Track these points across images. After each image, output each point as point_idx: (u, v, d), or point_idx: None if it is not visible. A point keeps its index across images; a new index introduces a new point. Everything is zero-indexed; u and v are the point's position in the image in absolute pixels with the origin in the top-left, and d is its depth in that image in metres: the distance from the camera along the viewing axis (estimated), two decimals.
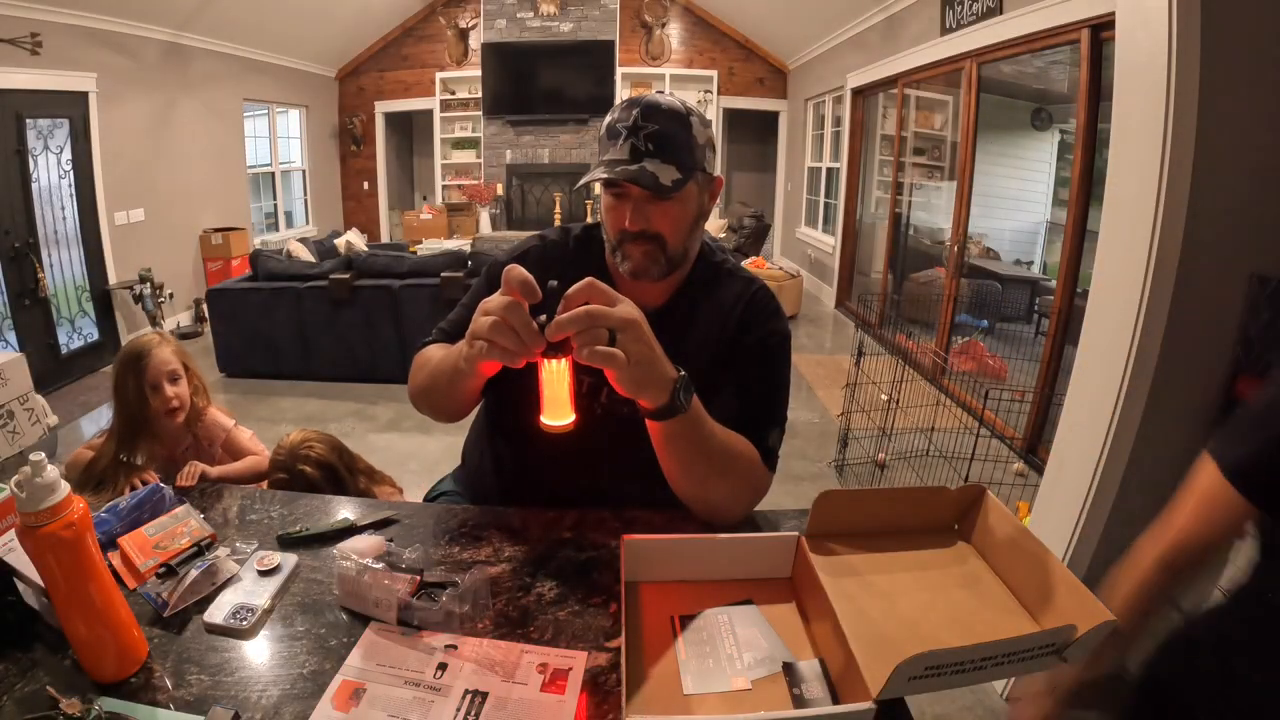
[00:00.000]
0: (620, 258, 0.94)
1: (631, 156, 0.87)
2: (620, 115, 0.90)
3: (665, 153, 0.87)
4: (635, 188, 0.88)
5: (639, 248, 0.92)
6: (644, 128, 0.87)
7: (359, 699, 0.64)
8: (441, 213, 7.72)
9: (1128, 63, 1.42)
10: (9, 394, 2.57)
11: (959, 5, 3.79)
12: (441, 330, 1.06)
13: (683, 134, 0.89)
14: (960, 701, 1.72)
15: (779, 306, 1.04)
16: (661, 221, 0.91)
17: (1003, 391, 3.00)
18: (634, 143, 0.87)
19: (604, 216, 0.96)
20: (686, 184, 0.88)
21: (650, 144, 0.87)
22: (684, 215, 0.93)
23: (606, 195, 0.93)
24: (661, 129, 0.87)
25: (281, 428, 3.51)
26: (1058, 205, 5.03)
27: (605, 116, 0.95)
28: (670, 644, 0.71)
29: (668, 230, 0.91)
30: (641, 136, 0.87)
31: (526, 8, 7.32)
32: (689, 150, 0.89)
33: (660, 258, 0.93)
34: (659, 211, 0.90)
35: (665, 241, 0.92)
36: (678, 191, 0.88)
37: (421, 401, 1.01)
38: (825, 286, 6.42)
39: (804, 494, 2.77)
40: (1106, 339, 1.50)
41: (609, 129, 0.91)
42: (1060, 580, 0.68)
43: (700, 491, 0.89)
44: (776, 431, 0.99)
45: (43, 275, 4.03)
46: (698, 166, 0.91)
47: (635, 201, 0.90)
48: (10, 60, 3.75)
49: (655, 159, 0.86)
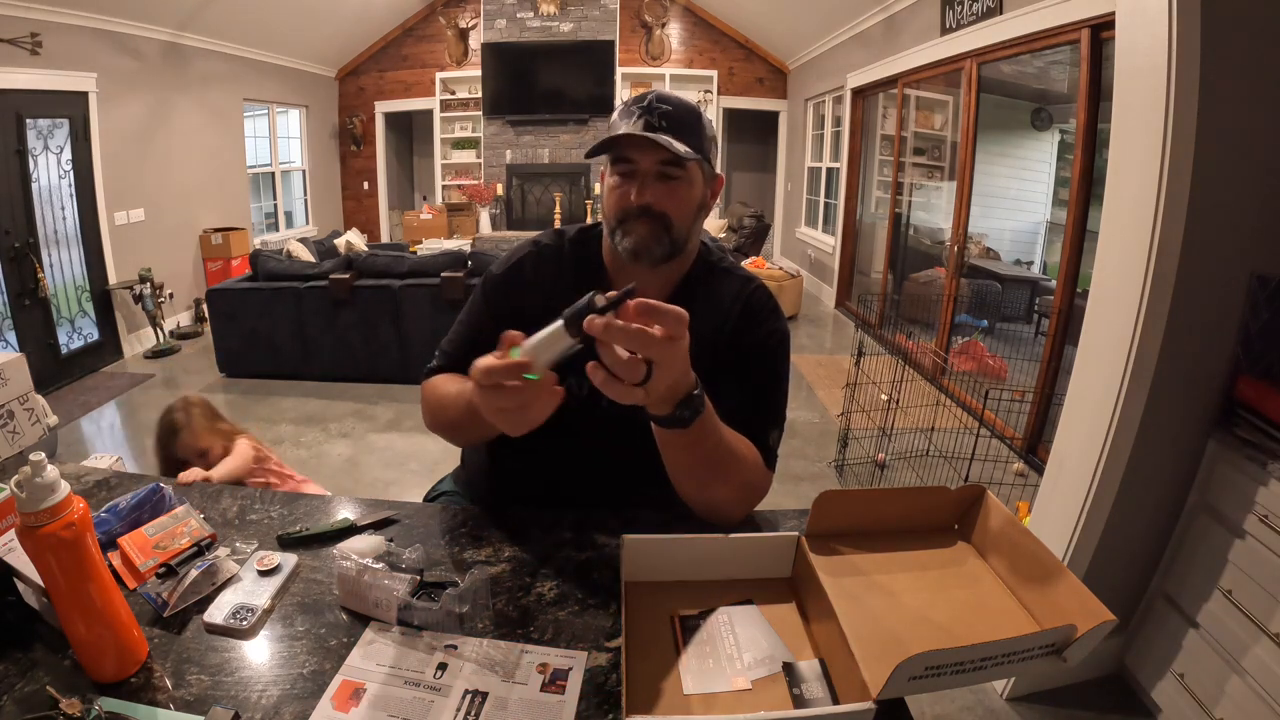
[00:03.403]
0: (620, 236, 0.93)
1: (645, 129, 0.88)
2: (633, 99, 0.93)
3: (678, 132, 0.89)
4: (645, 161, 0.89)
5: (644, 225, 0.91)
6: (658, 108, 0.90)
7: (359, 699, 0.64)
8: (441, 213, 7.72)
9: (1128, 63, 1.42)
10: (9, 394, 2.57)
11: (959, 5, 3.79)
12: (444, 353, 1.06)
13: (694, 121, 0.92)
14: (960, 701, 1.72)
15: (777, 305, 1.04)
16: (668, 200, 0.91)
17: (1003, 391, 3.00)
18: (648, 119, 0.89)
19: (606, 198, 0.96)
20: (697, 162, 0.91)
21: (664, 122, 0.89)
22: (689, 198, 0.93)
23: (612, 176, 0.93)
24: (674, 111, 0.90)
25: (281, 428, 3.51)
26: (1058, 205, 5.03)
27: (616, 108, 0.97)
28: (670, 644, 0.71)
29: (673, 209, 0.91)
30: (656, 115, 0.89)
31: (526, 8, 7.32)
32: (699, 136, 0.91)
33: (664, 238, 0.92)
34: (666, 190, 0.91)
35: (670, 221, 0.92)
36: (690, 162, 0.90)
37: (445, 436, 1.01)
38: (825, 286, 6.42)
39: (804, 494, 2.77)
40: (1106, 339, 1.50)
41: (621, 111, 0.93)
42: (1060, 580, 0.68)
43: (703, 494, 0.89)
44: (776, 431, 0.99)
45: (43, 275, 4.03)
46: (705, 154, 0.92)
47: (644, 177, 0.90)
48: (10, 60, 3.75)
49: (668, 135, 0.88)
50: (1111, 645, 1.73)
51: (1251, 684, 1.35)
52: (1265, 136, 1.37)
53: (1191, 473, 1.56)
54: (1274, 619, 1.31)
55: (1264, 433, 1.40)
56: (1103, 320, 1.54)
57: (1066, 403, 1.66)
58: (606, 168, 0.95)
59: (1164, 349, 1.42)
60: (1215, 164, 1.34)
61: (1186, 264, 1.37)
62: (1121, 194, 1.48)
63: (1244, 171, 1.38)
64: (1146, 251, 1.38)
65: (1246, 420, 1.45)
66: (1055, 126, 5.17)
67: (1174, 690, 1.55)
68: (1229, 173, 1.36)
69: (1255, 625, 1.35)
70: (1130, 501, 1.54)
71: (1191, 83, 1.29)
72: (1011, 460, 3.07)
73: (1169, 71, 1.29)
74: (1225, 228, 1.39)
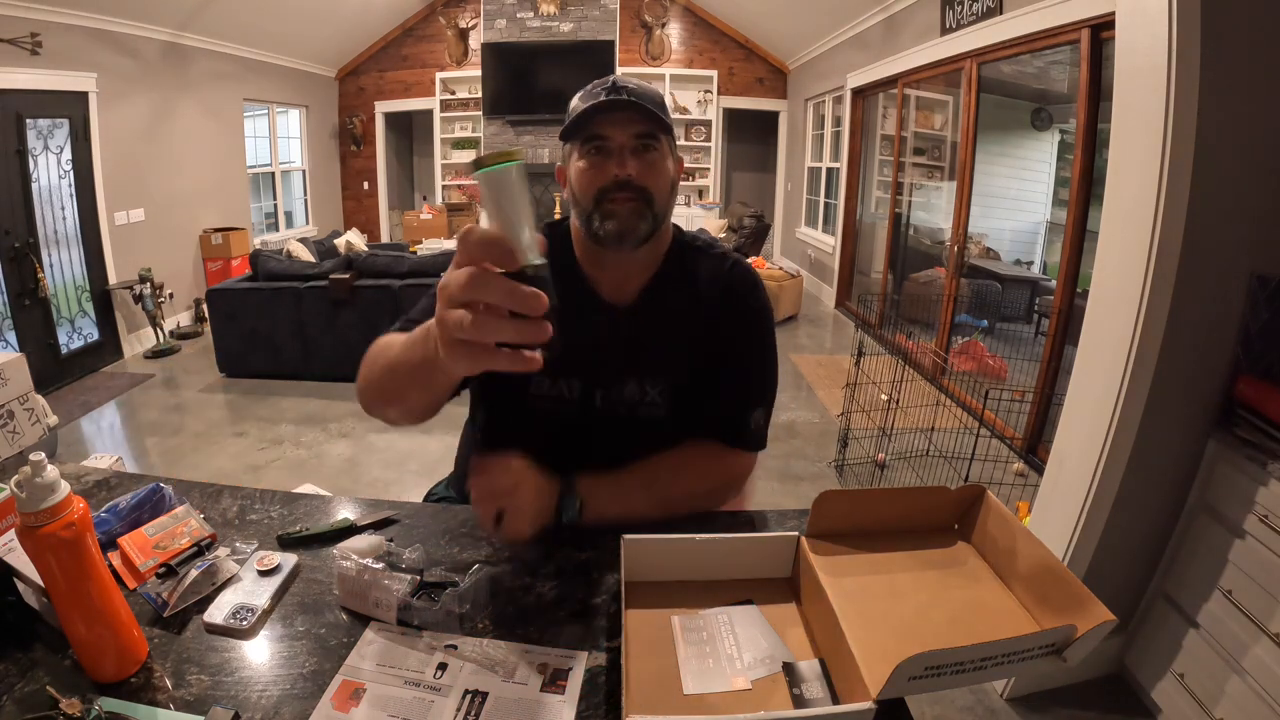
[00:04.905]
0: (600, 220, 0.89)
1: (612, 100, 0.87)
2: (596, 82, 0.91)
3: (647, 103, 0.88)
4: (620, 135, 0.88)
5: (626, 202, 0.88)
6: (624, 85, 0.89)
7: (359, 699, 0.64)
8: (441, 213, 7.72)
9: (1128, 63, 1.42)
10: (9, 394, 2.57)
11: (959, 5, 3.79)
12: (410, 321, 0.91)
13: (659, 99, 0.92)
14: (960, 702, 1.72)
15: (758, 280, 1.02)
16: (647, 174, 0.89)
17: (1003, 391, 3.00)
18: (614, 96, 0.87)
19: (578, 181, 0.91)
20: (669, 133, 0.91)
21: (631, 96, 0.87)
22: (665, 171, 0.92)
23: (581, 160, 0.90)
24: (639, 89, 0.89)
25: (282, 428, 3.51)
26: (1058, 205, 5.03)
27: (572, 99, 0.94)
28: (670, 644, 0.70)
29: (653, 183, 0.89)
30: (622, 92, 0.88)
31: (526, 8, 7.32)
32: (664, 111, 0.91)
33: (647, 213, 0.90)
34: (644, 163, 0.89)
35: (651, 196, 0.89)
36: (664, 136, 0.90)
37: (376, 399, 0.84)
38: (825, 286, 6.41)
39: (804, 494, 2.76)
40: (1106, 339, 1.50)
41: (582, 95, 0.91)
42: (1060, 580, 0.68)
43: (671, 515, 0.90)
44: (760, 411, 0.98)
45: (43, 275, 4.03)
46: (671, 130, 0.93)
47: (620, 152, 0.88)
48: (10, 60, 3.75)
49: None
50: (1111, 645, 1.73)
51: (1251, 684, 1.35)
52: (1265, 136, 1.37)
53: (1191, 473, 1.56)
54: (1274, 619, 1.31)
55: (1264, 433, 1.40)
56: (1103, 320, 1.54)
57: (1066, 403, 1.66)
58: (572, 156, 0.92)
59: (1164, 349, 1.42)
60: (1215, 164, 1.34)
61: (1186, 264, 1.37)
62: (1121, 194, 1.48)
63: (1244, 171, 1.38)
64: (1146, 251, 1.38)
65: (1246, 420, 1.45)
66: (1055, 126, 5.17)
67: (1174, 690, 1.55)
68: (1229, 173, 1.36)
69: (1255, 625, 1.35)
70: (1130, 501, 1.54)
71: (1191, 83, 1.29)
72: (1011, 460, 3.07)
73: (1169, 71, 1.29)
74: (1225, 228, 1.39)
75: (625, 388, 0.97)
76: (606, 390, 0.97)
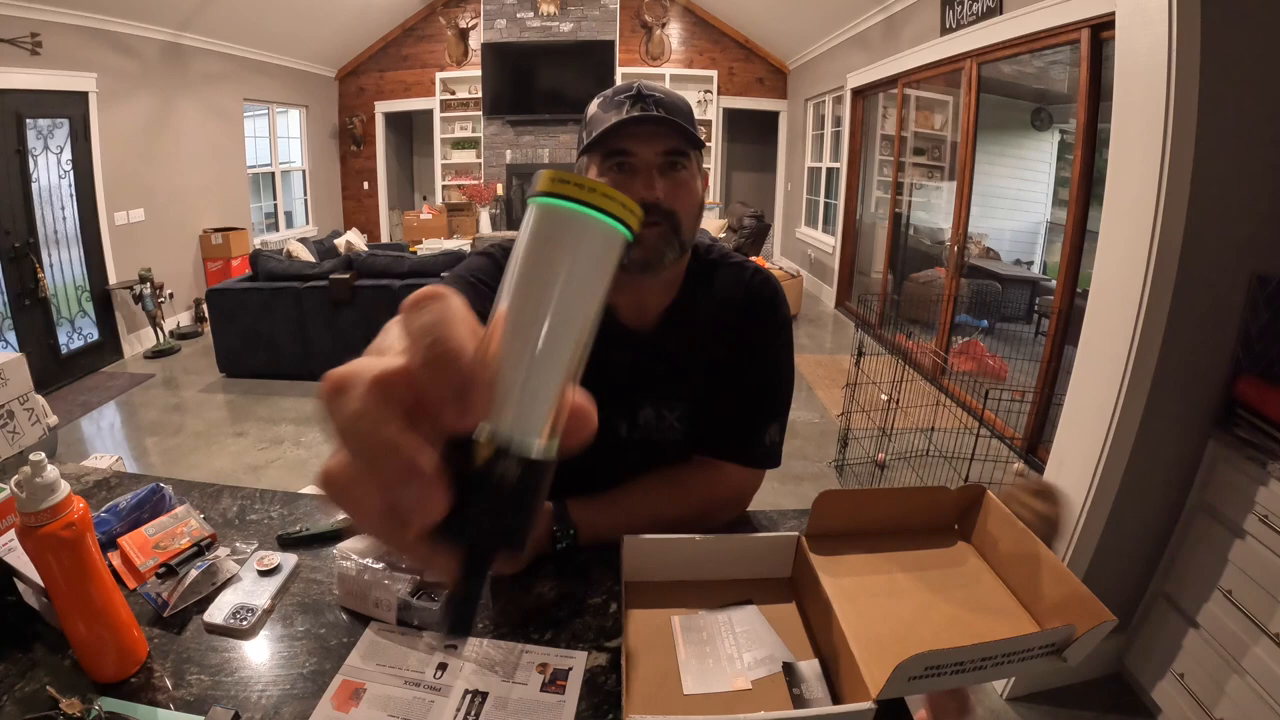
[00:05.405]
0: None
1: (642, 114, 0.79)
2: (616, 90, 0.83)
3: (677, 117, 0.80)
4: (647, 152, 0.79)
5: (653, 229, 0.80)
6: (650, 95, 0.81)
7: (359, 699, 0.64)
8: (441, 213, 7.72)
9: (1128, 63, 1.42)
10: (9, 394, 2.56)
11: (959, 5, 3.79)
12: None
13: (688, 109, 0.84)
14: None
15: (778, 290, 0.97)
16: (675, 195, 0.80)
17: (1003, 391, 3.00)
18: (642, 106, 0.79)
19: None
20: (699, 148, 0.82)
21: (660, 109, 0.79)
22: (694, 191, 0.84)
23: (603, 177, 0.81)
24: (667, 99, 0.82)
25: (282, 428, 3.51)
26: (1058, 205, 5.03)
27: (590, 107, 0.86)
28: (670, 644, 0.70)
29: (681, 205, 0.82)
30: (650, 103, 0.80)
31: (526, 8, 7.32)
32: (694, 124, 0.83)
33: (674, 240, 0.82)
34: (672, 184, 0.80)
35: (679, 221, 0.82)
36: (693, 152, 0.81)
37: None
38: (825, 286, 6.41)
39: (804, 494, 2.76)
40: (1106, 339, 1.50)
41: (605, 103, 0.82)
42: (1060, 580, 0.68)
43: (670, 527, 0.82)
44: (775, 426, 0.94)
45: (43, 275, 4.03)
46: (701, 145, 0.84)
47: (646, 170, 0.80)
48: (10, 60, 3.75)
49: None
50: (1111, 645, 1.73)
51: (1251, 684, 1.35)
52: (1265, 136, 1.37)
53: (1191, 473, 1.56)
54: (1274, 619, 1.31)
55: (1264, 433, 1.40)
56: (1103, 320, 1.54)
57: (1066, 403, 1.66)
58: (591, 170, 0.83)
59: (1164, 349, 1.42)
60: (1215, 164, 1.34)
61: (1186, 264, 1.37)
62: (1121, 194, 1.48)
63: (1244, 171, 1.38)
64: (1146, 251, 1.38)
65: (1246, 420, 1.45)
66: (1055, 126, 5.17)
67: (1174, 690, 1.55)
68: (1229, 173, 1.36)
69: (1255, 625, 1.35)
70: (1130, 501, 1.54)
71: (1191, 83, 1.29)
72: (1011, 460, 3.06)
73: (1169, 71, 1.29)
74: (1225, 228, 1.39)
75: (642, 413, 0.93)
76: (623, 419, 0.93)
